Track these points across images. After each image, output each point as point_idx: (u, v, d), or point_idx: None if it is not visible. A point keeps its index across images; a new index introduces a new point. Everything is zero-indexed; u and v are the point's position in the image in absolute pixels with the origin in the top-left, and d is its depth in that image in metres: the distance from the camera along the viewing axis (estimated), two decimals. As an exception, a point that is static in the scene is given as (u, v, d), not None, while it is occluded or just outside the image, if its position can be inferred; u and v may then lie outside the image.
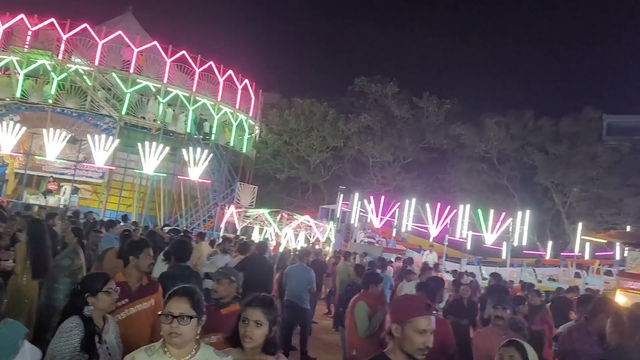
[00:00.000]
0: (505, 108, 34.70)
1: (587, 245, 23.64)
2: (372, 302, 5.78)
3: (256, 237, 22.73)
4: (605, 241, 18.74)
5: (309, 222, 23.80)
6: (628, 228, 23.00)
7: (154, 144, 23.77)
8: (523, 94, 41.56)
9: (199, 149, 24.55)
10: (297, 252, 12.29)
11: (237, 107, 29.30)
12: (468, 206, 23.60)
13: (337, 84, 41.17)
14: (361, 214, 24.84)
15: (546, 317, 7.21)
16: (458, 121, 35.16)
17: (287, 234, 23.39)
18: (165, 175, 25.37)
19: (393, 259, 16.13)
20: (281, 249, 18.31)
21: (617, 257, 21.42)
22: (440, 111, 35.59)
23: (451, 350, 4.56)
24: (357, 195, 24.99)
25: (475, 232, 23.05)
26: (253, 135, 32.52)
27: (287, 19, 57.96)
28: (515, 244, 23.23)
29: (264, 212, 24.14)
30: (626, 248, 13.16)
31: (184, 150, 24.41)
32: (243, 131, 30.86)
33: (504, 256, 23.22)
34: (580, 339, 4.32)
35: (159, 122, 25.72)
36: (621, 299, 9.42)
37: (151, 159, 23.56)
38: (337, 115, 35.21)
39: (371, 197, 24.09)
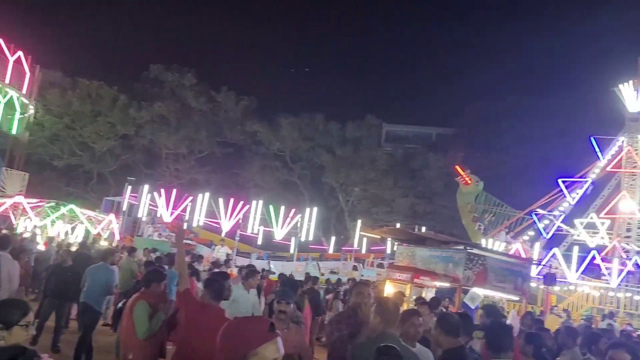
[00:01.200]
0: (299, 109, 36.56)
1: (365, 240, 26.04)
2: (153, 301, 5.36)
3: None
4: (379, 237, 20.78)
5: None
6: (398, 225, 25.87)
7: None
8: (316, 97, 44.23)
9: (-49, 126, 20.68)
10: (66, 250, 11.02)
11: (8, 82, 25.36)
12: (261, 202, 24.15)
13: (131, 69, 38.53)
14: (150, 207, 23.66)
15: (306, 307, 7.86)
16: (255, 118, 35.95)
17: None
18: None
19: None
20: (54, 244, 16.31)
21: (388, 251, 23.97)
22: (237, 107, 35.96)
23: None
24: (147, 187, 23.70)
25: (267, 227, 23.69)
26: (26, 115, 28.51)
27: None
28: (303, 239, 24.48)
29: None
30: (396, 243, 14.66)
31: None
32: (13, 110, 26.82)
33: (292, 251, 24.29)
34: (340, 328, 4.49)
35: None
36: (390, 288, 10.40)
37: None
38: (128, 102, 33.16)
39: (162, 190, 23.12)
